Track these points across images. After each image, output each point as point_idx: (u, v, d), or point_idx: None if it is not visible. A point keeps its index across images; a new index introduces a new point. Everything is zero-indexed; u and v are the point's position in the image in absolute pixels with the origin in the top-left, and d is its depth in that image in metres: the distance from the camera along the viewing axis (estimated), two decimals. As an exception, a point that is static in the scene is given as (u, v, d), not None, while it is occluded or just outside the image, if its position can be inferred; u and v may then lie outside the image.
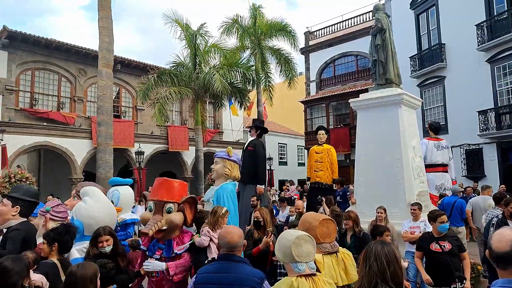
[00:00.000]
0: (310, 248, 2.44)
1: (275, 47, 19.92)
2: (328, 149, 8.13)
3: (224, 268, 2.34)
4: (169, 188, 3.45)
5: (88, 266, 2.38)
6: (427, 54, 17.92)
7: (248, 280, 2.26)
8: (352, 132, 19.09)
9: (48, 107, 16.90)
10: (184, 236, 3.51)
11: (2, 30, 15.21)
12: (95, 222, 3.32)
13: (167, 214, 3.32)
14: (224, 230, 2.57)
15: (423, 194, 6.78)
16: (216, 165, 4.88)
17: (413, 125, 7.24)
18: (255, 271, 2.39)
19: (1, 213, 3.48)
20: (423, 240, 4.46)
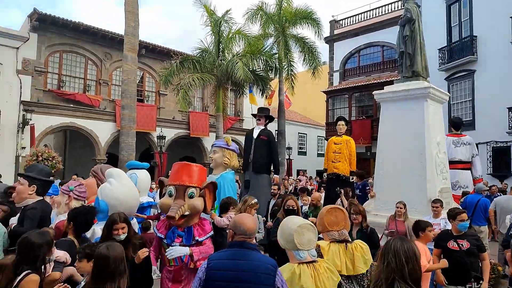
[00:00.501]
0: (312, 236, 2.55)
1: (299, 35, 19.66)
2: (347, 140, 7.98)
3: (238, 255, 2.32)
4: (190, 172, 3.36)
5: (117, 247, 2.41)
6: (457, 47, 17.28)
7: (263, 267, 2.27)
8: (374, 124, 18.77)
9: (75, 89, 17.34)
10: (205, 223, 3.38)
11: (32, 12, 15.61)
12: (119, 203, 3.40)
13: (189, 199, 3.21)
14: (239, 217, 2.56)
15: (445, 191, 6.64)
16: (215, 154, 4.86)
17: (438, 120, 7.05)
18: (268, 259, 2.40)
19: (19, 191, 3.58)
20: (441, 237, 4.39)
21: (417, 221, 4.42)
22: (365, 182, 9.18)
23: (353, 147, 7.96)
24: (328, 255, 2.84)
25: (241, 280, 2.21)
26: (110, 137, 17.91)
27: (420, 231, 4.15)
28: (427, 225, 4.21)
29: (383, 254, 2.05)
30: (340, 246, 2.90)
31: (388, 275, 1.95)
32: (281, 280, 2.29)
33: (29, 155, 13.53)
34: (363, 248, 2.94)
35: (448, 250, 4.18)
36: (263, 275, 2.23)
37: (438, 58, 17.63)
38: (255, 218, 2.63)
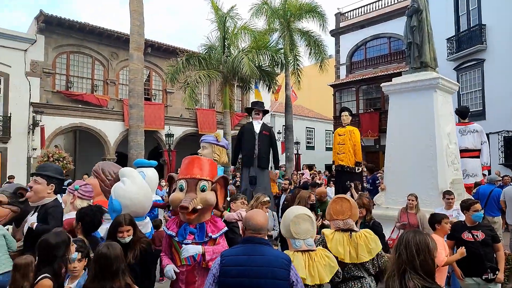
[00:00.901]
0: (308, 227, 2.68)
1: (304, 29, 19.53)
2: (350, 131, 7.87)
3: (252, 250, 2.32)
4: (201, 165, 3.22)
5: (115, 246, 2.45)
6: (466, 36, 17.01)
7: (277, 262, 2.27)
8: (383, 117, 18.63)
9: (83, 90, 17.49)
10: (217, 220, 3.24)
11: (39, 14, 15.74)
12: (131, 203, 3.38)
13: (201, 193, 3.05)
14: (250, 213, 2.58)
15: (457, 182, 6.57)
16: (204, 150, 4.74)
17: (448, 110, 6.96)
18: (282, 253, 2.41)
19: (37, 191, 3.60)
20: (455, 229, 4.34)
21: (432, 213, 4.37)
22: (375, 176, 9.11)
23: (356, 137, 7.83)
24: (331, 243, 2.94)
25: (255, 275, 2.21)
26: (119, 136, 18.06)
27: (436, 224, 4.09)
28: (442, 217, 4.15)
29: (396, 246, 2.07)
30: (345, 235, 2.98)
31: (399, 266, 1.97)
32: (295, 274, 2.30)
33: (40, 156, 13.70)
34: (367, 237, 2.99)
35: (462, 241, 4.15)
36: (277, 270, 2.23)
37: (447, 48, 17.39)
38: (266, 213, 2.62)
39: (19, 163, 14.99)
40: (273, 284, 2.20)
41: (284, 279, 2.22)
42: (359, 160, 7.78)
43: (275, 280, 2.21)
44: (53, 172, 3.78)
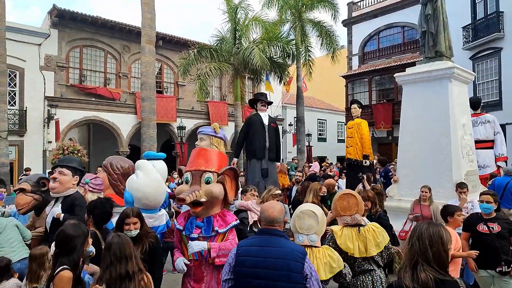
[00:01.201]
0: (312, 223, 2.71)
1: (316, 19, 19.29)
2: (358, 123, 7.73)
3: (266, 241, 2.34)
4: (207, 157, 3.12)
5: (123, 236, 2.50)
6: (483, 24, 16.56)
7: (291, 254, 2.28)
8: (396, 108, 18.37)
9: (96, 83, 17.68)
10: (226, 214, 3.12)
11: (52, 9, 15.90)
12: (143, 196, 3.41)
13: (206, 185, 2.96)
14: (265, 205, 2.59)
15: (471, 173, 6.46)
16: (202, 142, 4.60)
17: (463, 101, 6.82)
18: (297, 246, 2.41)
19: (64, 181, 3.70)
20: (470, 220, 4.28)
21: (445, 205, 4.30)
22: (387, 168, 9.03)
23: (363, 130, 7.66)
24: (341, 239, 2.96)
25: (270, 266, 2.23)
26: (131, 129, 18.25)
27: (449, 216, 4.02)
28: (455, 209, 4.07)
29: (409, 237, 2.06)
30: (353, 230, 3.03)
31: (412, 257, 1.95)
32: (310, 267, 2.30)
33: (56, 149, 13.96)
34: (375, 231, 3.05)
35: (478, 233, 4.09)
36: (291, 262, 2.24)
37: (462, 36, 16.97)
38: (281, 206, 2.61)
39: (35, 156, 15.32)
40: (287, 276, 2.22)
41: (298, 272, 2.23)
42: (367, 153, 7.60)
43: (289, 272, 2.22)
44: (77, 165, 3.90)
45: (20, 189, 4.06)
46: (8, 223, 3.80)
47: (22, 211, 4.03)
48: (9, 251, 3.65)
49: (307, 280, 2.24)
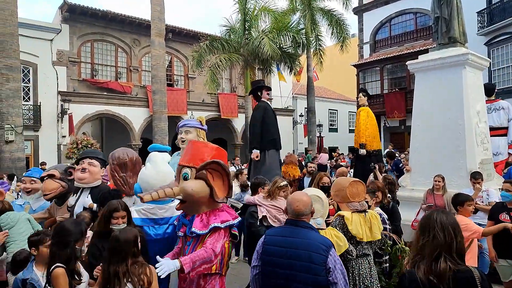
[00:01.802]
0: (318, 207, 2.80)
1: (326, 8, 19.03)
2: (358, 112, 7.88)
3: (291, 232, 2.39)
4: (193, 150, 2.87)
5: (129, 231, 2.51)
6: (498, 8, 16.09)
7: (314, 246, 2.29)
8: (408, 96, 18.08)
9: (107, 77, 17.85)
10: (218, 214, 2.81)
11: (62, 4, 16.04)
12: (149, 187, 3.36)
13: (183, 181, 2.73)
14: (292, 197, 2.58)
15: (486, 162, 6.34)
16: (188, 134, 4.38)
17: (478, 88, 6.67)
18: (322, 238, 2.41)
19: (94, 172, 3.82)
20: (494, 209, 4.28)
21: (456, 194, 4.22)
22: (397, 161, 9.03)
23: (361, 118, 7.65)
24: (352, 225, 3.03)
25: (292, 257, 2.28)
26: (143, 122, 18.41)
27: (458, 206, 3.94)
28: (466, 199, 3.96)
29: (425, 228, 1.96)
30: (360, 216, 3.13)
31: (434, 248, 1.87)
32: (334, 260, 2.30)
33: (70, 143, 14.20)
34: (376, 217, 3.24)
35: (499, 222, 4.04)
36: (314, 254, 2.27)
37: (477, 21, 16.54)
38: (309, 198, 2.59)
39: (50, 150, 15.62)
40: (308, 268, 2.25)
41: (320, 264, 2.25)
42: (362, 142, 7.50)
43: (310, 264, 2.25)
44: (102, 157, 4.06)
45: (49, 175, 4.17)
46: (21, 217, 3.90)
47: (49, 196, 4.13)
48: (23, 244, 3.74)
49: (330, 273, 2.25)
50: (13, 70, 10.11)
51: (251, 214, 3.92)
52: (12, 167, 9.83)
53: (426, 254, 1.89)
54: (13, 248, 3.59)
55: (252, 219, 3.90)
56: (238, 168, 10.51)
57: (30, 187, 4.52)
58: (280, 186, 4.06)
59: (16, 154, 10.16)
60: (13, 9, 10.10)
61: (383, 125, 20.93)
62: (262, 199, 4.05)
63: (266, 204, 4.00)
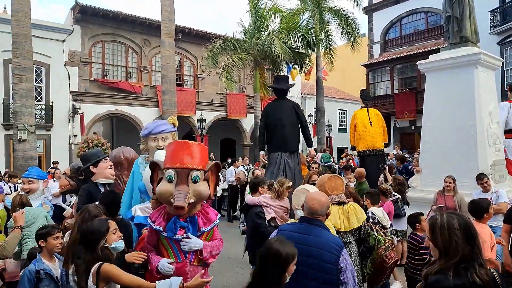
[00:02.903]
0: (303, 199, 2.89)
1: (335, 7, 18.95)
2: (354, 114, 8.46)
3: (305, 229, 2.45)
4: (192, 152, 2.78)
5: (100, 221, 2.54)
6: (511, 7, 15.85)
7: (327, 246, 2.34)
8: (419, 96, 17.88)
9: (118, 77, 18.03)
10: (208, 211, 2.87)
11: (74, 5, 16.25)
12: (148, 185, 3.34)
13: (194, 185, 2.68)
14: (310, 195, 2.65)
15: (498, 163, 6.26)
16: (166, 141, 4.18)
17: (490, 88, 6.59)
18: (334, 238, 2.47)
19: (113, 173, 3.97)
20: (510, 211, 4.16)
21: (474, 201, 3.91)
22: (406, 164, 9.06)
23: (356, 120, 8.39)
24: (330, 216, 3.16)
25: (304, 253, 2.29)
26: (153, 122, 18.53)
27: (485, 213, 3.65)
28: (487, 203, 3.78)
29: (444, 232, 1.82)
30: (339, 208, 3.39)
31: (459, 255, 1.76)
32: (346, 260, 2.35)
33: (81, 143, 14.36)
34: (355, 208, 3.47)
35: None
36: (326, 253, 2.32)
37: (490, 21, 16.30)
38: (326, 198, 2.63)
39: (61, 149, 15.84)
40: (319, 266, 2.30)
41: (332, 263, 2.30)
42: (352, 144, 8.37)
43: (322, 263, 2.30)
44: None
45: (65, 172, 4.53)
46: (40, 213, 3.94)
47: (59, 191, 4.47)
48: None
49: (341, 273, 2.29)
50: (26, 71, 10.28)
51: (258, 215, 3.90)
52: (25, 165, 9.99)
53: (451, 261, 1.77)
54: (29, 245, 3.62)
55: (259, 219, 3.89)
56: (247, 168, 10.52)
57: (27, 187, 4.52)
58: (288, 187, 4.10)
59: (28, 153, 10.33)
60: (26, 11, 10.27)
61: (393, 125, 20.76)
62: (269, 199, 4.05)
63: (274, 204, 4.00)
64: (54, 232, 2.93)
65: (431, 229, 1.91)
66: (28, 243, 3.69)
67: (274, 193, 4.07)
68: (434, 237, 1.87)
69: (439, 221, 1.87)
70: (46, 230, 2.94)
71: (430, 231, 1.91)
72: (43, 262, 2.83)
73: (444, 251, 1.81)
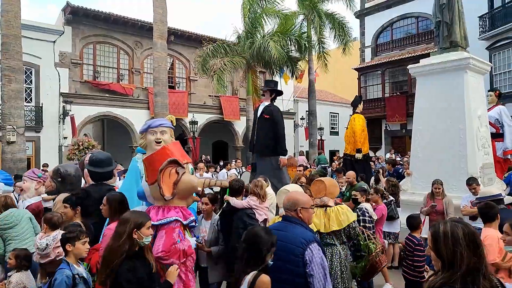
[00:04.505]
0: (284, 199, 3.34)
1: (328, 11, 19.09)
2: (352, 118, 8.30)
3: (281, 226, 2.70)
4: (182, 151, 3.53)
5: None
6: (500, 13, 16.13)
7: (295, 239, 2.54)
8: (410, 100, 18.09)
9: (109, 79, 17.88)
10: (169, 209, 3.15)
11: (66, 6, 16.11)
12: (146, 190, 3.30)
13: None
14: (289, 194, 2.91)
15: (487, 166, 6.35)
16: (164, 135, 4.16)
17: (479, 92, 6.69)
18: (306, 234, 2.61)
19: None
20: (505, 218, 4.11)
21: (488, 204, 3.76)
22: (397, 168, 9.18)
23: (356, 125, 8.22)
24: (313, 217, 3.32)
25: (279, 247, 2.47)
26: (145, 124, 18.41)
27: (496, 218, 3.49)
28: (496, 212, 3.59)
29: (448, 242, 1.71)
30: (321, 210, 3.57)
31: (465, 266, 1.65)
32: (312, 254, 2.49)
33: (71, 145, 14.22)
34: (339, 210, 3.56)
35: None
36: (293, 246, 2.51)
37: (479, 26, 16.57)
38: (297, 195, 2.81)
39: (51, 151, 15.64)
40: (288, 258, 2.50)
41: (298, 256, 2.49)
42: (358, 147, 8.00)
43: (289, 255, 2.50)
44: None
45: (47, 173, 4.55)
46: (24, 215, 3.89)
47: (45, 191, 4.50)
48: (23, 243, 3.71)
49: (307, 265, 2.46)
50: (16, 72, 10.14)
51: (249, 216, 3.88)
52: (14, 168, 9.84)
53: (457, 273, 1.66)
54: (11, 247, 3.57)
55: (252, 220, 3.87)
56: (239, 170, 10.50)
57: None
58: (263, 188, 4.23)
59: (17, 155, 10.18)
60: (16, 11, 10.15)
61: (384, 128, 20.94)
62: (257, 202, 4.07)
63: (262, 207, 4.04)
64: (82, 236, 2.83)
65: (433, 238, 1.77)
66: (11, 244, 3.64)
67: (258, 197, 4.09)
68: (436, 247, 1.74)
69: (442, 230, 1.74)
70: (74, 234, 2.80)
71: (432, 241, 1.78)
72: (74, 266, 2.72)
73: (448, 263, 1.69)
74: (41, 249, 3.15)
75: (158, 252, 2.77)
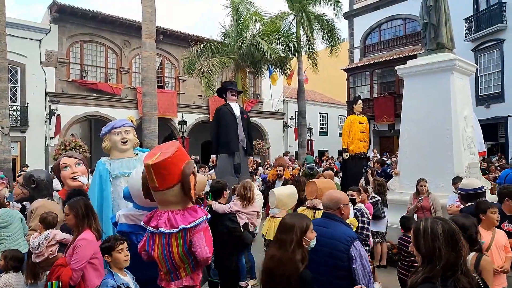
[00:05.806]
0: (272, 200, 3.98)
1: (317, 12, 19.19)
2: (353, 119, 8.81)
3: (323, 223, 2.81)
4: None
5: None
6: (485, 15, 16.44)
7: (340, 236, 2.65)
8: (398, 101, 18.30)
9: (97, 79, 17.65)
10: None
11: (52, 4, 15.85)
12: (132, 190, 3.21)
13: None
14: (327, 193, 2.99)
15: (473, 166, 6.46)
16: (128, 134, 4.22)
17: (465, 93, 6.80)
18: (349, 231, 2.76)
19: None
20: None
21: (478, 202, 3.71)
22: (385, 168, 9.35)
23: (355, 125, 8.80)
24: None
25: (323, 243, 2.61)
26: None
27: (481, 214, 3.40)
28: (488, 206, 3.46)
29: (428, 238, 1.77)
30: (310, 212, 3.74)
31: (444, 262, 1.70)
32: (358, 250, 2.60)
33: (57, 145, 14.00)
34: None
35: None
36: (338, 243, 2.63)
37: (465, 28, 16.86)
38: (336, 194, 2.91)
39: (37, 151, 15.37)
40: (332, 254, 2.62)
41: (343, 252, 2.60)
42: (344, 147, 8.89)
43: (334, 251, 2.62)
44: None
45: (17, 181, 4.44)
46: (16, 215, 3.85)
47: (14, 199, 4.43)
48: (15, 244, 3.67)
49: (353, 261, 2.57)
50: (1, 70, 9.96)
51: (231, 220, 3.91)
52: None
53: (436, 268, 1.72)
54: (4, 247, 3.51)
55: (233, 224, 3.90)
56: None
57: None
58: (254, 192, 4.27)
59: (2, 156, 9.99)
60: (1, 9, 9.96)
61: (373, 128, 21.15)
62: (240, 207, 4.07)
63: (246, 211, 4.05)
64: (117, 244, 2.66)
65: (414, 234, 1.86)
66: (3, 244, 3.59)
67: (244, 200, 4.09)
68: (417, 242, 1.82)
69: (422, 226, 1.81)
70: (109, 244, 2.65)
71: (413, 236, 1.87)
72: (119, 276, 2.62)
73: (427, 258, 1.76)
74: (34, 248, 3.12)
75: (207, 254, 2.63)
